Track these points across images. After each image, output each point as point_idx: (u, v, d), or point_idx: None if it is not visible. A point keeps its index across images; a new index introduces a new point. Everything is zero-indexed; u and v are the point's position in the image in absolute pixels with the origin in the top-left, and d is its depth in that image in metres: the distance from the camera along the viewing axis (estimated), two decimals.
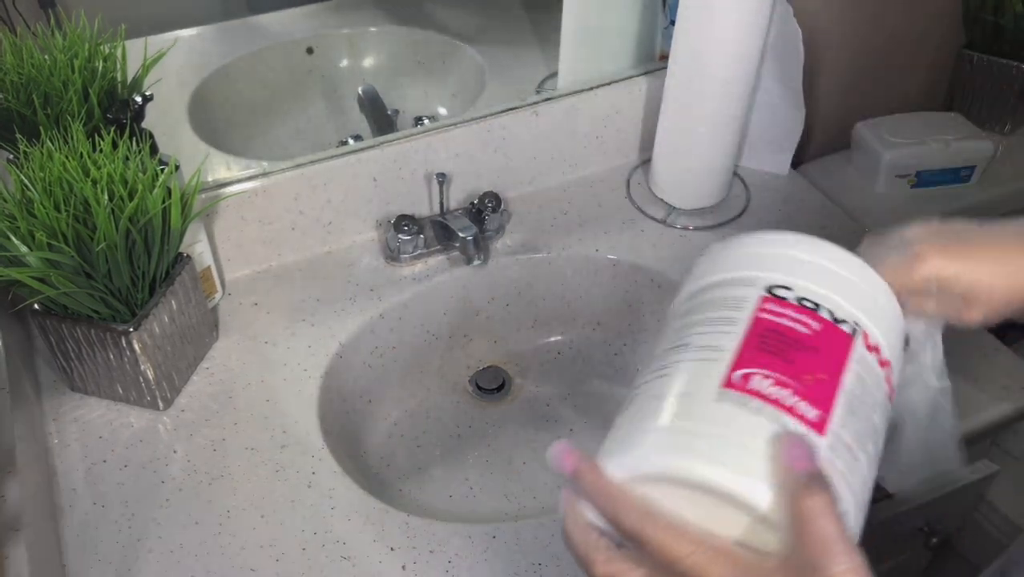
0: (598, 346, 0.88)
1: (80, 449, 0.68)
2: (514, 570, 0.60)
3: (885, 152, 1.03)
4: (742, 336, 0.38)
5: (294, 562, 0.61)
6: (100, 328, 0.65)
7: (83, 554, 0.61)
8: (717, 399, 0.36)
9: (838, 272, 0.41)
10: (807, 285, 0.40)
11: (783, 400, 0.36)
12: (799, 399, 0.36)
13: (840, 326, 0.39)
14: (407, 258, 0.84)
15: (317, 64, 0.90)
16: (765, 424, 0.35)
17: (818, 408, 0.36)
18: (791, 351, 0.37)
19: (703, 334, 0.39)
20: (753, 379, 0.36)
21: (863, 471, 0.37)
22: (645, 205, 0.91)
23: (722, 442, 0.35)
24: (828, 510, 0.32)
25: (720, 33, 0.78)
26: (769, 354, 0.37)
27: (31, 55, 0.64)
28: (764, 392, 0.36)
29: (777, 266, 0.41)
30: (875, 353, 0.39)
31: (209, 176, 0.79)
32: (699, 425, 0.36)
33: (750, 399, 0.36)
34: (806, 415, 0.35)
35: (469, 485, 0.77)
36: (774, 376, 0.36)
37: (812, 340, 0.38)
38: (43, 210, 0.59)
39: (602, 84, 0.91)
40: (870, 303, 0.41)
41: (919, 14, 1.08)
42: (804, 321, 0.38)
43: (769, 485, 0.34)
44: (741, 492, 0.34)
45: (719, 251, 0.45)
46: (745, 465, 0.34)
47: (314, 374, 0.74)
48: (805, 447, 0.34)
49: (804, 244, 0.42)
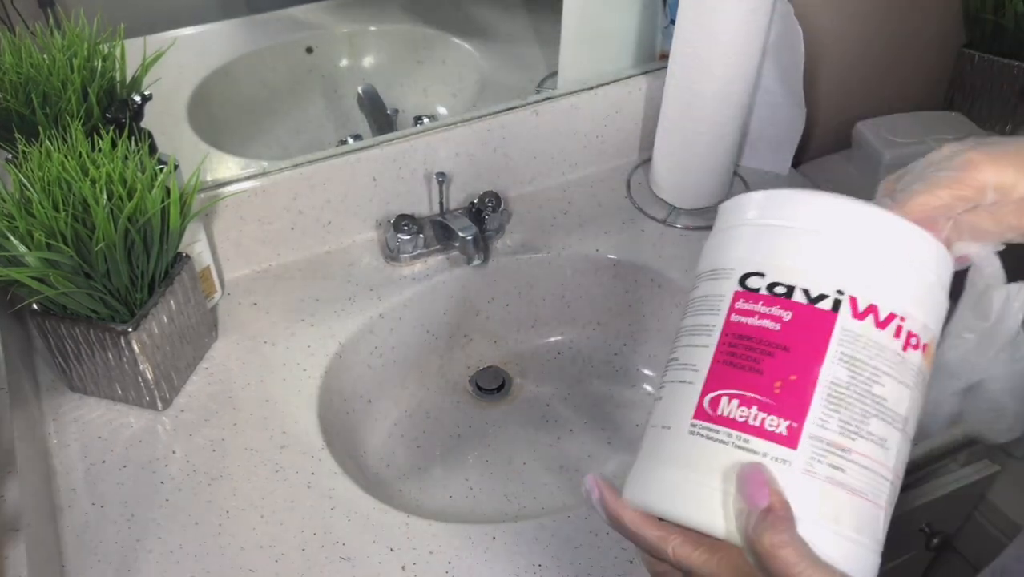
0: (598, 346, 0.88)
1: (79, 449, 0.68)
2: (514, 570, 0.60)
3: (885, 152, 1.03)
4: (713, 351, 0.38)
5: (293, 562, 0.61)
6: (99, 328, 0.65)
7: (82, 554, 0.61)
8: (689, 431, 0.37)
9: (820, 232, 0.38)
10: (781, 264, 0.38)
11: (749, 420, 0.36)
12: (766, 414, 0.36)
13: (818, 305, 0.37)
14: (407, 258, 0.83)
15: (317, 64, 0.90)
16: (730, 453, 0.36)
17: (788, 418, 0.36)
18: (760, 358, 0.37)
19: (686, 347, 0.40)
20: (720, 403, 0.37)
21: (868, 454, 0.36)
22: (645, 205, 0.91)
23: (687, 480, 0.37)
24: (783, 542, 0.33)
25: (720, 33, 0.78)
26: (736, 369, 0.37)
27: (30, 54, 0.64)
28: (730, 416, 0.36)
29: (755, 246, 0.40)
30: (870, 315, 0.37)
31: (208, 176, 0.79)
32: (671, 463, 0.38)
33: (717, 429, 0.37)
34: (775, 430, 0.36)
35: (469, 485, 0.77)
36: (740, 394, 0.37)
37: (781, 337, 0.37)
38: (42, 210, 0.59)
39: (602, 84, 0.91)
40: (866, 255, 0.38)
41: (919, 14, 1.08)
42: (774, 315, 0.37)
43: (724, 518, 0.36)
44: (703, 527, 0.36)
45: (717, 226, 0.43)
46: (703, 502, 0.36)
47: (314, 374, 0.74)
48: (759, 478, 0.35)
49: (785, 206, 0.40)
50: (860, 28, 1.05)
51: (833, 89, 1.07)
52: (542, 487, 0.77)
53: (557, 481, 0.77)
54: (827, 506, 0.35)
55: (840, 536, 0.36)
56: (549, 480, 0.77)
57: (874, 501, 0.37)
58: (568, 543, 0.62)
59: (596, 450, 0.80)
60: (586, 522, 0.63)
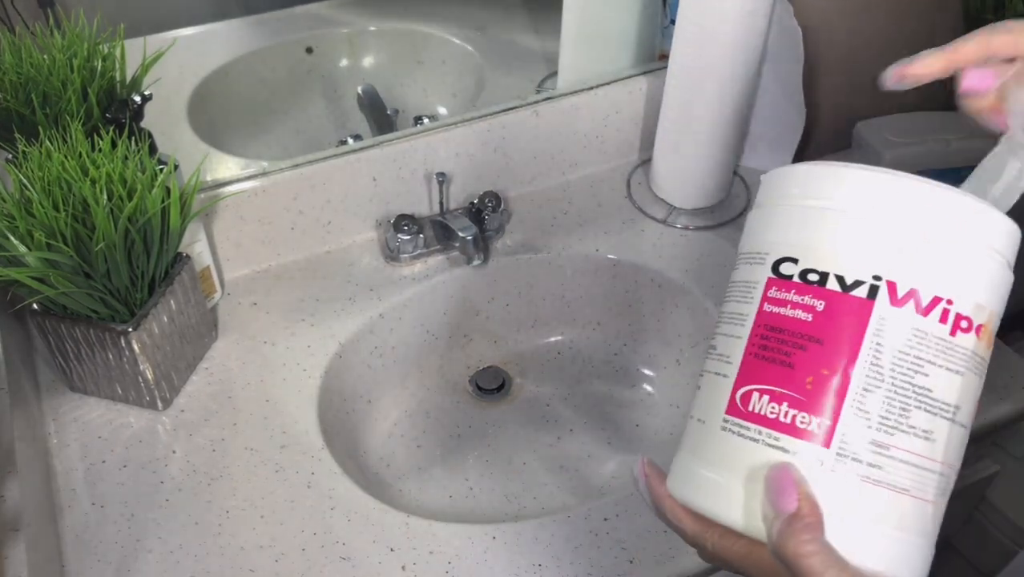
0: (598, 346, 0.88)
1: (79, 449, 0.68)
2: (514, 570, 0.60)
3: (885, 152, 1.03)
4: (745, 343, 0.37)
5: (294, 563, 0.61)
6: (99, 328, 0.65)
7: (82, 554, 0.61)
8: (721, 427, 0.37)
9: (856, 212, 0.36)
10: (816, 249, 0.36)
11: (780, 417, 0.35)
12: (797, 411, 0.35)
13: (853, 292, 0.35)
14: (407, 258, 0.83)
15: (317, 64, 0.90)
16: (761, 452, 0.36)
17: (820, 415, 0.35)
18: (792, 351, 0.35)
19: (723, 336, 0.39)
20: (751, 398, 0.36)
21: (910, 448, 0.35)
22: (645, 205, 0.91)
23: (719, 478, 0.37)
24: (809, 552, 0.33)
25: (720, 33, 0.78)
26: (768, 362, 0.36)
27: (30, 54, 0.64)
28: (761, 412, 0.36)
29: (790, 228, 0.37)
30: (910, 301, 0.34)
31: (208, 176, 0.79)
32: (704, 458, 0.38)
33: (748, 425, 0.36)
34: (807, 428, 0.35)
35: (469, 485, 0.77)
36: (771, 390, 0.36)
37: (814, 329, 0.35)
38: (42, 210, 0.59)
39: (602, 84, 0.91)
40: (904, 233, 0.35)
41: (919, 14, 1.08)
42: (807, 304, 0.35)
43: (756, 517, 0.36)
44: (734, 526, 0.37)
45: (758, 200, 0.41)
46: (734, 502, 0.36)
47: (314, 374, 0.74)
48: (787, 482, 0.34)
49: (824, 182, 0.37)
50: (860, 28, 1.05)
51: (833, 89, 1.07)
52: (542, 487, 0.77)
53: (557, 481, 0.77)
54: (865, 505, 0.34)
55: (881, 535, 0.35)
56: (549, 480, 0.77)
57: (919, 496, 0.35)
58: (568, 543, 0.62)
59: (596, 450, 0.80)
60: (586, 522, 0.63)
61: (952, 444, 0.36)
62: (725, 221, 0.89)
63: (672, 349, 0.85)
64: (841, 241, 0.36)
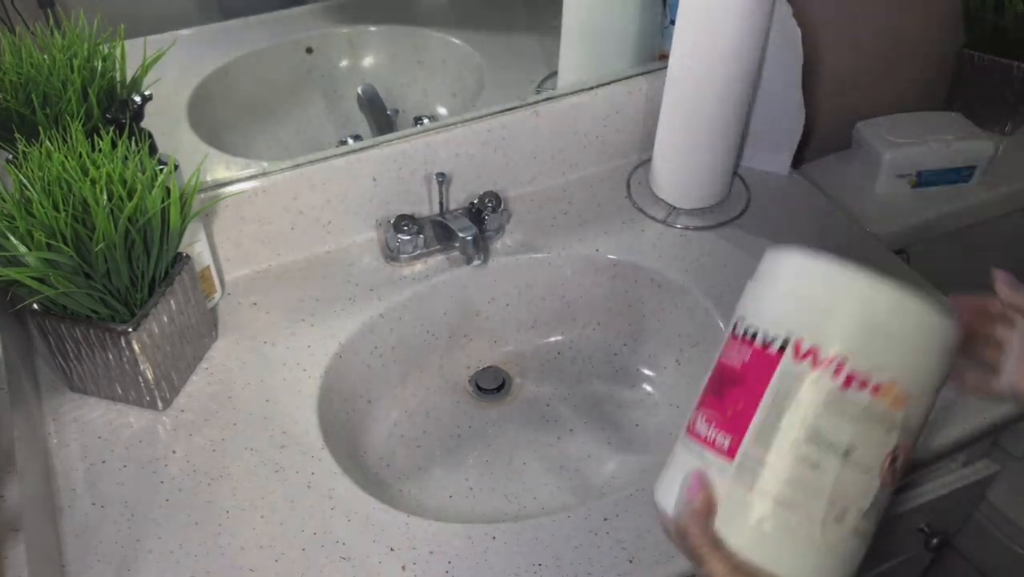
0: (598, 346, 0.88)
1: (79, 449, 0.68)
2: (514, 570, 0.60)
3: (886, 152, 1.03)
4: (708, 379, 0.48)
5: (294, 562, 0.61)
6: (99, 328, 0.65)
7: (82, 554, 0.61)
8: (681, 440, 0.48)
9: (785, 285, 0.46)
10: (757, 311, 0.46)
11: (708, 436, 0.45)
12: (718, 431, 0.45)
13: (767, 349, 0.44)
14: (407, 258, 0.83)
15: (317, 64, 0.90)
16: (691, 460, 0.46)
17: (731, 435, 0.44)
18: (726, 388, 0.46)
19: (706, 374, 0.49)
20: (698, 421, 0.47)
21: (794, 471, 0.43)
22: (645, 205, 0.91)
23: (668, 478, 0.48)
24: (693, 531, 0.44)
25: (720, 33, 0.78)
26: (713, 394, 0.47)
27: (30, 54, 0.64)
28: (699, 432, 0.46)
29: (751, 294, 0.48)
30: (809, 357, 0.43)
31: (208, 176, 0.79)
32: (669, 465, 0.48)
33: (691, 441, 0.47)
34: (721, 445, 0.45)
35: (469, 485, 0.77)
36: (708, 414, 0.46)
37: (740, 373, 0.45)
38: (42, 210, 0.59)
39: (602, 84, 0.91)
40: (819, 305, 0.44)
41: (919, 14, 1.08)
42: (741, 353, 0.45)
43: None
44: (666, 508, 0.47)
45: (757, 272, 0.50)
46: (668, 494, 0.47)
47: (314, 374, 0.74)
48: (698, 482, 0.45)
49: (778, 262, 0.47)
50: (860, 29, 1.05)
51: (833, 89, 1.07)
52: (542, 487, 0.77)
53: (557, 481, 0.77)
54: (752, 508, 0.43)
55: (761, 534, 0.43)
56: (549, 480, 0.77)
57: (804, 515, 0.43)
58: (568, 543, 0.62)
59: (596, 450, 0.80)
60: (586, 522, 0.63)
61: (844, 479, 0.43)
62: (725, 221, 0.89)
63: (672, 349, 0.85)
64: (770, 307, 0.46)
